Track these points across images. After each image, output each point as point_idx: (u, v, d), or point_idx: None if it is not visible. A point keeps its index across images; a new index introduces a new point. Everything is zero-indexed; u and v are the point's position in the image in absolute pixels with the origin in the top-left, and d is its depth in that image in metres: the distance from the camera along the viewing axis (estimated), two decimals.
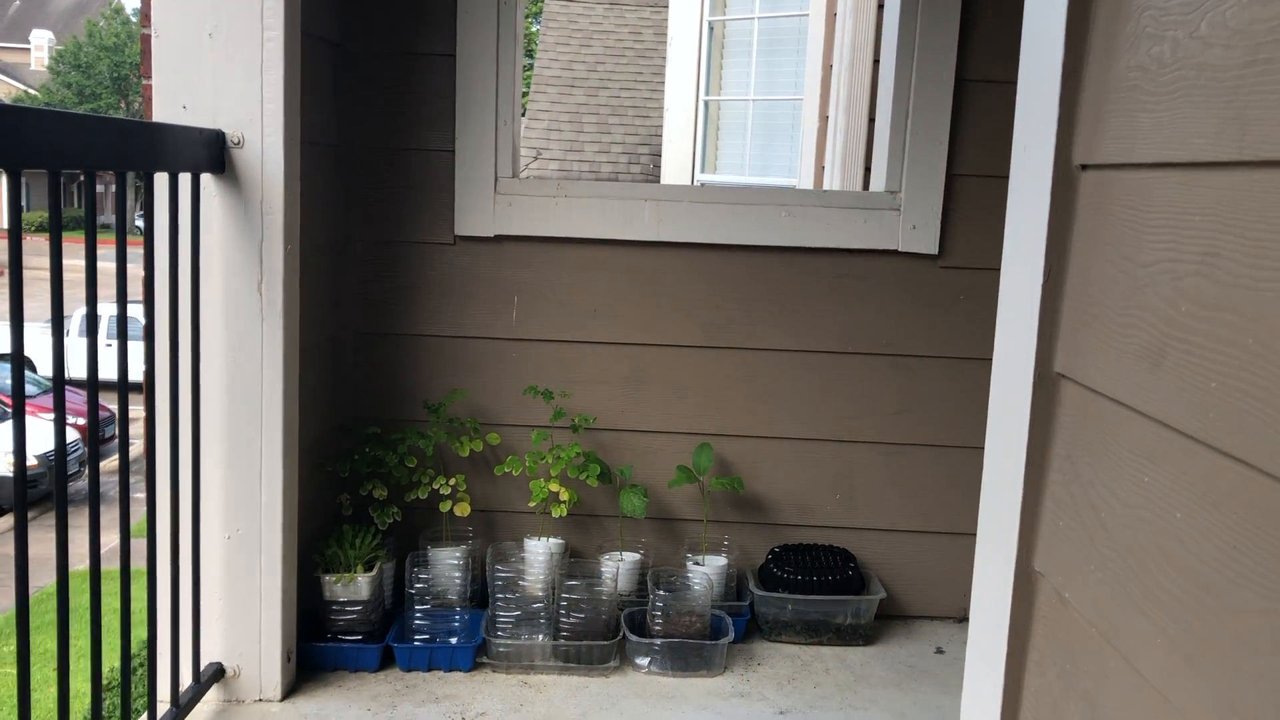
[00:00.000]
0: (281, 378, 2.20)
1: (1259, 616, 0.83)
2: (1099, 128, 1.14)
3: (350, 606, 2.45)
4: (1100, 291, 1.13)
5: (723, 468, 2.80)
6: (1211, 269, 0.92)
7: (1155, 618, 0.98)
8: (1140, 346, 1.03)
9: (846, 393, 2.78)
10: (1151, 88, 1.04)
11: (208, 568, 2.22)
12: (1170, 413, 0.97)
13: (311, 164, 2.38)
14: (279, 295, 2.18)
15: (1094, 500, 1.12)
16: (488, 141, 2.68)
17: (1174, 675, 0.94)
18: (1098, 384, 1.12)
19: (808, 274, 2.74)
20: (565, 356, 2.76)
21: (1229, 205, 0.90)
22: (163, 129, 2.01)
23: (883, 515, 2.81)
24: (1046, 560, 1.24)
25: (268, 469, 2.22)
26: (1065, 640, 1.18)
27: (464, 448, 2.67)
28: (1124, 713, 1.04)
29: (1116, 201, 1.11)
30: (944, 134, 2.68)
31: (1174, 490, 0.97)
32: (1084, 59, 1.19)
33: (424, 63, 2.67)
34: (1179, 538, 0.95)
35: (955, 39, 2.64)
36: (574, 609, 2.49)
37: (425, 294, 2.73)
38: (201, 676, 2.22)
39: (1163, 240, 1.01)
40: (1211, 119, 0.93)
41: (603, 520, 2.81)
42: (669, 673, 2.49)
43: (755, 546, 2.81)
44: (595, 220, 2.70)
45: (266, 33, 2.12)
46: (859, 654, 2.64)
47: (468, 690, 2.39)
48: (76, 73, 37.47)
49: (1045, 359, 1.23)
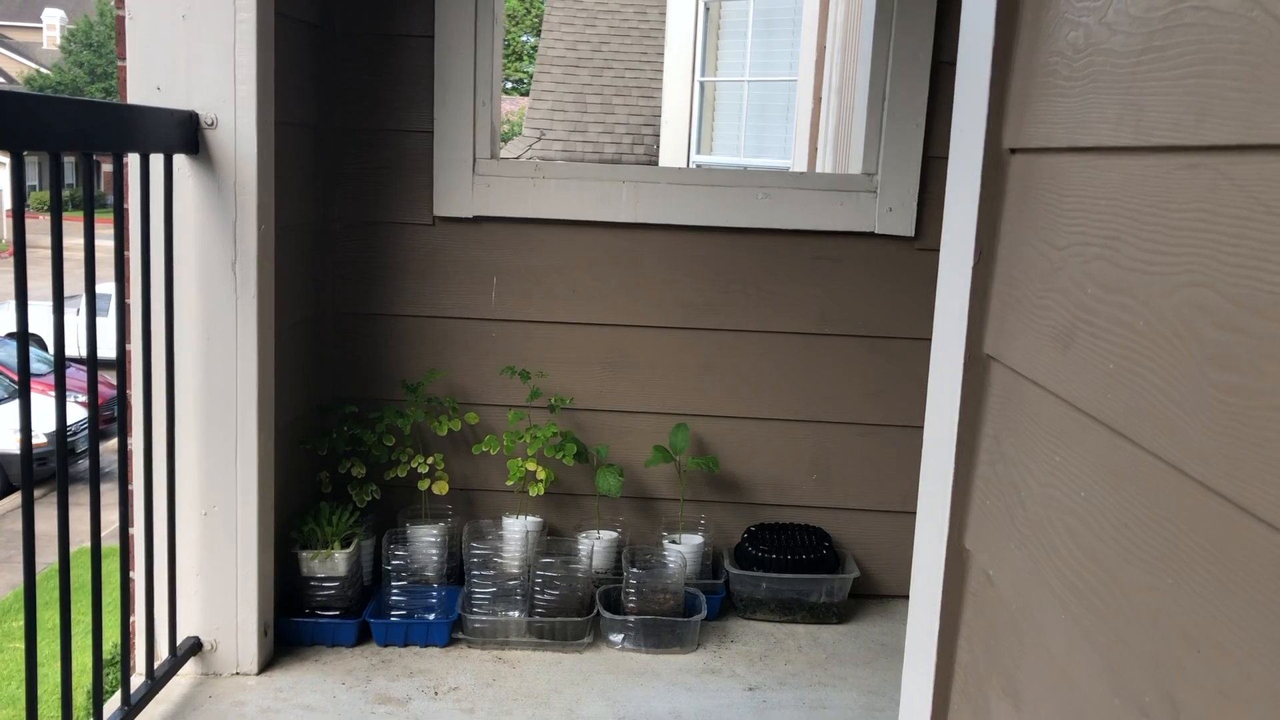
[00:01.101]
0: (256, 356, 2.23)
1: (1144, 592, 0.85)
2: (1025, 112, 1.16)
3: (328, 582, 2.49)
4: (1024, 274, 1.14)
5: (699, 448, 2.82)
6: (1114, 252, 0.94)
7: (1061, 595, 1.00)
8: (1054, 328, 1.05)
9: (823, 374, 2.79)
10: (1068, 73, 1.05)
11: (184, 544, 2.25)
12: (1077, 394, 0.99)
13: (289, 144, 2.40)
14: (253, 274, 2.20)
15: (1015, 480, 1.14)
16: (466, 122, 2.70)
17: (1074, 652, 0.97)
18: (1020, 365, 1.14)
19: (785, 256, 2.75)
20: (543, 337, 2.78)
21: (1128, 189, 0.92)
22: (135, 110, 2.04)
23: (858, 495, 2.84)
24: (975, 539, 1.26)
25: (243, 446, 2.25)
26: (990, 618, 1.20)
27: (442, 427, 2.70)
28: (1034, 690, 1.06)
29: (1039, 185, 1.12)
30: (920, 117, 2.69)
31: (1079, 470, 0.98)
32: (1014, 43, 1.20)
33: (402, 44, 2.69)
34: (1082, 516, 0.97)
35: (932, 22, 2.64)
36: (549, 586, 2.52)
37: (404, 274, 2.75)
38: (178, 650, 2.25)
39: (1075, 224, 1.02)
40: (1113, 104, 0.94)
41: (580, 499, 2.84)
42: (642, 649, 2.52)
43: (732, 525, 2.83)
44: (573, 201, 2.72)
45: (239, 14, 2.13)
46: (832, 632, 2.67)
47: (442, 665, 2.43)
48: (88, 51, 37.50)
49: (975, 340, 1.25)
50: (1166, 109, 0.85)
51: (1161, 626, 0.82)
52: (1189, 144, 0.82)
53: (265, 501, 2.31)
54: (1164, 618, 0.82)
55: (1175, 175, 0.84)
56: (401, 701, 2.27)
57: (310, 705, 2.24)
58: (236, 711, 2.20)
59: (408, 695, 2.29)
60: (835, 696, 2.37)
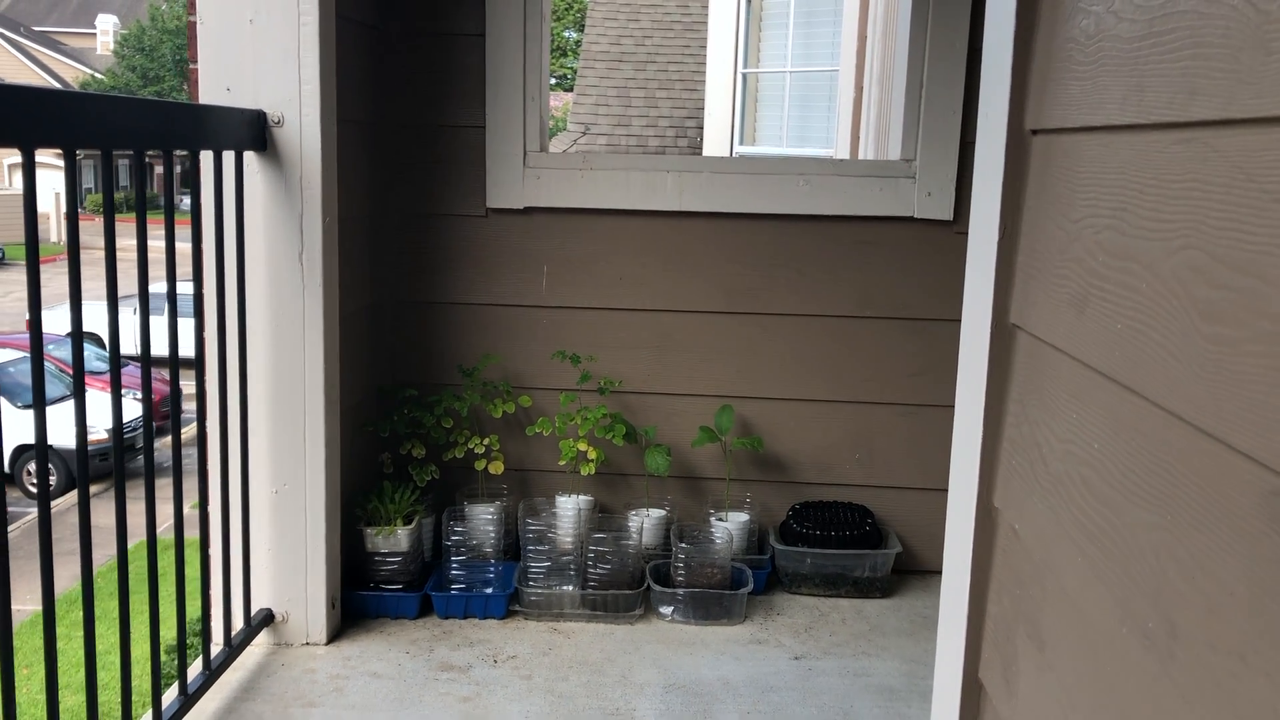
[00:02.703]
0: (322, 342, 2.35)
1: (1147, 530, 0.93)
2: (1044, 95, 1.24)
3: (391, 557, 2.61)
4: (1044, 247, 1.23)
5: (744, 428, 2.91)
6: (1120, 222, 1.02)
7: (1078, 540, 1.09)
8: (1070, 295, 1.13)
9: (864, 355, 2.87)
10: (1081, 57, 1.13)
11: (257, 520, 2.39)
12: (1091, 354, 1.07)
13: (349, 141, 2.52)
14: (319, 265, 2.33)
15: (1038, 439, 1.22)
16: (516, 117, 2.81)
17: (1088, 591, 1.05)
18: (1041, 332, 1.22)
19: (826, 241, 2.83)
20: (593, 323, 2.88)
21: (1133, 164, 1.00)
22: (210, 110, 2.17)
23: (900, 474, 2.91)
24: (1003, 497, 1.34)
25: (311, 428, 2.38)
26: (1016, 569, 1.29)
27: (497, 409, 2.82)
28: (1057, 633, 1.15)
29: (1057, 163, 1.20)
30: (958, 103, 2.75)
31: (1092, 424, 1.07)
32: (1034, 30, 1.28)
33: (455, 42, 2.80)
34: (1095, 466, 1.05)
35: (968, 12, 2.71)
36: (601, 560, 2.63)
37: (459, 264, 2.87)
38: (252, 620, 2.39)
39: (1088, 198, 1.10)
40: (1120, 85, 1.02)
41: (629, 478, 2.94)
42: (691, 621, 2.62)
43: (776, 503, 2.92)
44: (620, 191, 2.82)
45: (303, 18, 2.26)
46: (875, 605, 2.75)
47: (500, 636, 2.54)
48: (140, 56, 38.21)
49: (1001, 311, 1.33)
50: (1163, 89, 0.93)
51: (1161, 558, 0.90)
52: (1182, 120, 0.90)
53: (332, 480, 2.44)
54: (1163, 550, 0.90)
55: (1171, 149, 0.92)
56: (463, 669, 2.38)
57: (377, 672, 2.36)
58: (308, 678, 2.33)
59: (469, 663, 2.41)
60: (878, 665, 2.45)
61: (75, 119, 1.65)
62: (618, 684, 2.34)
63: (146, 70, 38.11)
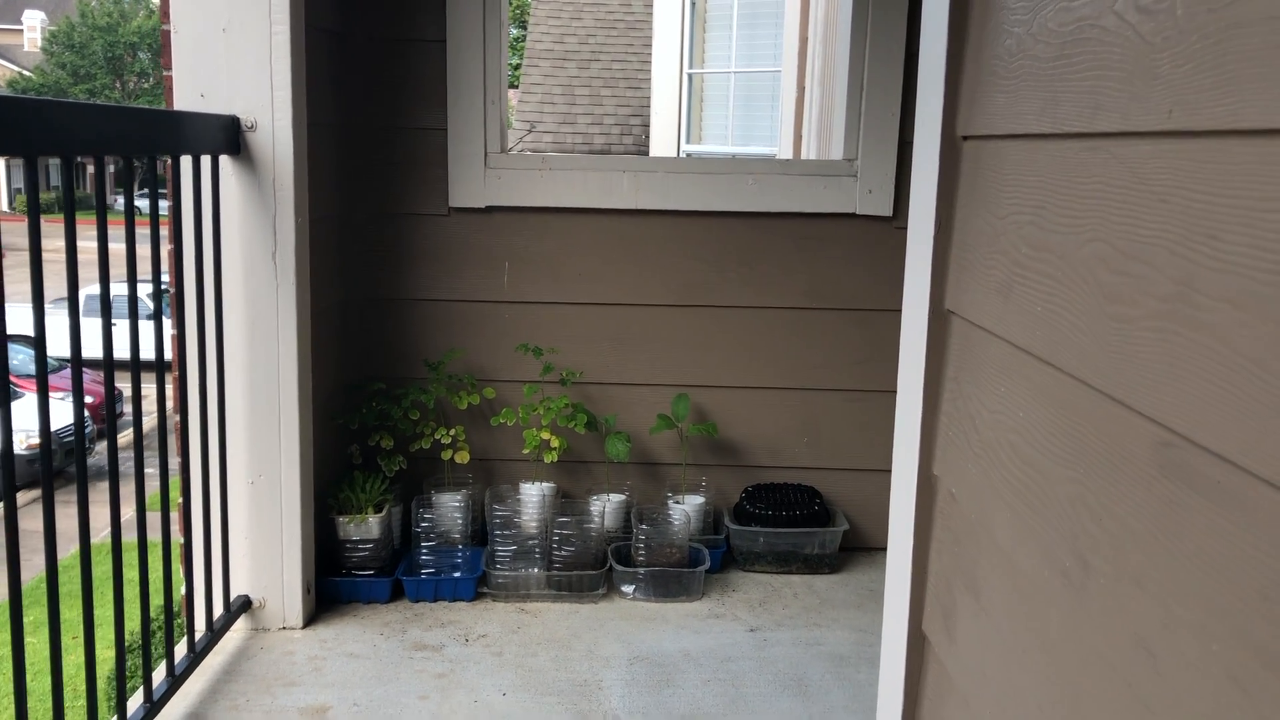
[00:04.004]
0: (295, 337, 2.45)
1: (1064, 484, 1.09)
2: (974, 105, 1.39)
3: (362, 544, 2.72)
4: (974, 240, 1.38)
5: (700, 415, 3.06)
6: (1040, 218, 1.17)
7: (1007, 498, 1.24)
8: (997, 283, 1.28)
9: (812, 345, 3.03)
10: (1005, 73, 1.28)
11: (234, 510, 2.48)
12: (1015, 334, 1.22)
13: (318, 144, 2.62)
14: (291, 263, 2.43)
15: (971, 411, 1.38)
16: (477, 119, 2.92)
17: (1018, 542, 1.20)
18: (973, 316, 1.38)
19: (774, 236, 2.99)
20: (553, 317, 3.01)
21: (1050, 168, 1.15)
22: (188, 116, 2.26)
23: (847, 456, 3.08)
24: (942, 465, 1.49)
25: (285, 420, 2.48)
26: (954, 528, 1.44)
27: (462, 401, 2.93)
28: (990, 582, 1.30)
29: (985, 166, 1.35)
30: (896, 106, 2.92)
31: (1018, 394, 1.22)
32: (964, 46, 1.43)
33: (417, 48, 2.91)
34: (1020, 432, 1.21)
35: (904, 18, 2.87)
36: (565, 543, 2.75)
37: (423, 261, 2.98)
38: (232, 606, 2.48)
39: (1012, 197, 1.25)
40: (1038, 99, 1.17)
41: (590, 465, 3.07)
42: (652, 598, 2.76)
43: (730, 486, 3.07)
44: (578, 190, 2.95)
45: (274, 27, 2.35)
46: (825, 581, 2.91)
47: (470, 616, 2.66)
48: (70, 53, 37.43)
49: (938, 299, 1.48)
50: (1074, 103, 1.08)
51: (1076, 507, 1.05)
52: (1089, 131, 1.05)
53: (306, 471, 2.54)
54: (1077, 500, 1.05)
55: (1081, 156, 1.07)
56: (436, 648, 2.50)
57: (353, 653, 2.47)
58: (288, 660, 2.43)
59: (441, 643, 2.52)
60: (828, 635, 2.61)
61: (75, 128, 1.74)
62: (585, 658, 2.47)
63: (77, 68, 37.36)
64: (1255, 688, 0.76)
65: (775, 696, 2.32)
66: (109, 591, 2.07)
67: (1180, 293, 0.88)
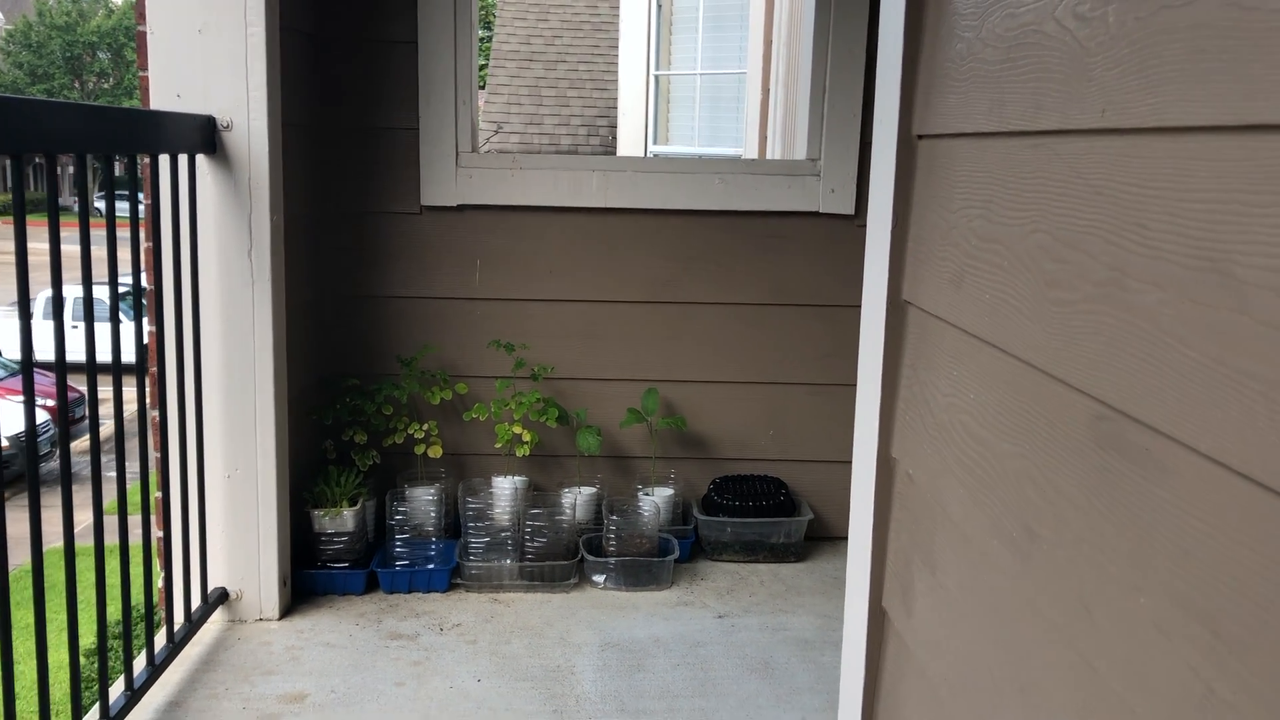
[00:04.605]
0: (271, 333, 2.50)
1: (1012, 459, 1.16)
2: (928, 106, 1.47)
3: (338, 537, 2.77)
4: (929, 234, 1.45)
5: (668, 409, 3.13)
6: (989, 212, 1.25)
7: (960, 475, 1.31)
8: (950, 274, 1.36)
9: (777, 340, 3.11)
10: (957, 75, 1.36)
11: (211, 504, 2.52)
12: (966, 321, 1.30)
13: (292, 143, 2.66)
14: (267, 261, 2.47)
15: (926, 396, 1.45)
16: (449, 119, 2.98)
17: (970, 515, 1.28)
18: (928, 305, 1.45)
19: (740, 235, 3.06)
20: (525, 313, 3.07)
21: (997, 164, 1.23)
22: (166, 116, 2.30)
23: (811, 448, 3.16)
24: (900, 447, 1.57)
25: (261, 415, 2.52)
26: (912, 509, 1.51)
27: (435, 397, 2.98)
28: (944, 556, 1.37)
29: (938, 164, 1.43)
30: (858, 107, 3.00)
31: (969, 378, 1.30)
32: (919, 51, 1.51)
33: (389, 49, 2.96)
34: (971, 413, 1.28)
35: (866, 22, 2.96)
36: (537, 534, 2.81)
37: (396, 259, 3.03)
38: (209, 598, 2.52)
39: (963, 192, 1.33)
40: (986, 100, 1.25)
41: (562, 459, 3.13)
42: (622, 587, 2.82)
43: (698, 478, 3.15)
44: (548, 189, 3.01)
45: (250, 29, 2.40)
46: (790, 569, 2.99)
47: (444, 607, 2.71)
48: (28, 52, 36.97)
49: (895, 290, 1.56)
50: (1018, 103, 1.16)
51: (1021, 480, 1.13)
52: (1032, 129, 1.12)
53: (281, 465, 2.58)
54: (1023, 473, 1.13)
55: (1025, 153, 1.15)
56: (411, 637, 2.55)
57: (330, 643, 2.52)
58: (265, 650, 2.47)
59: (416, 632, 2.58)
60: (794, 620, 2.69)
61: (60, 127, 1.78)
62: (557, 644, 2.53)
63: (35, 68, 36.90)
64: (1177, 634, 0.84)
65: (742, 679, 2.39)
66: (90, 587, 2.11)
67: (1113, 278, 0.95)
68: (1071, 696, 1.02)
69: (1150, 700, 0.88)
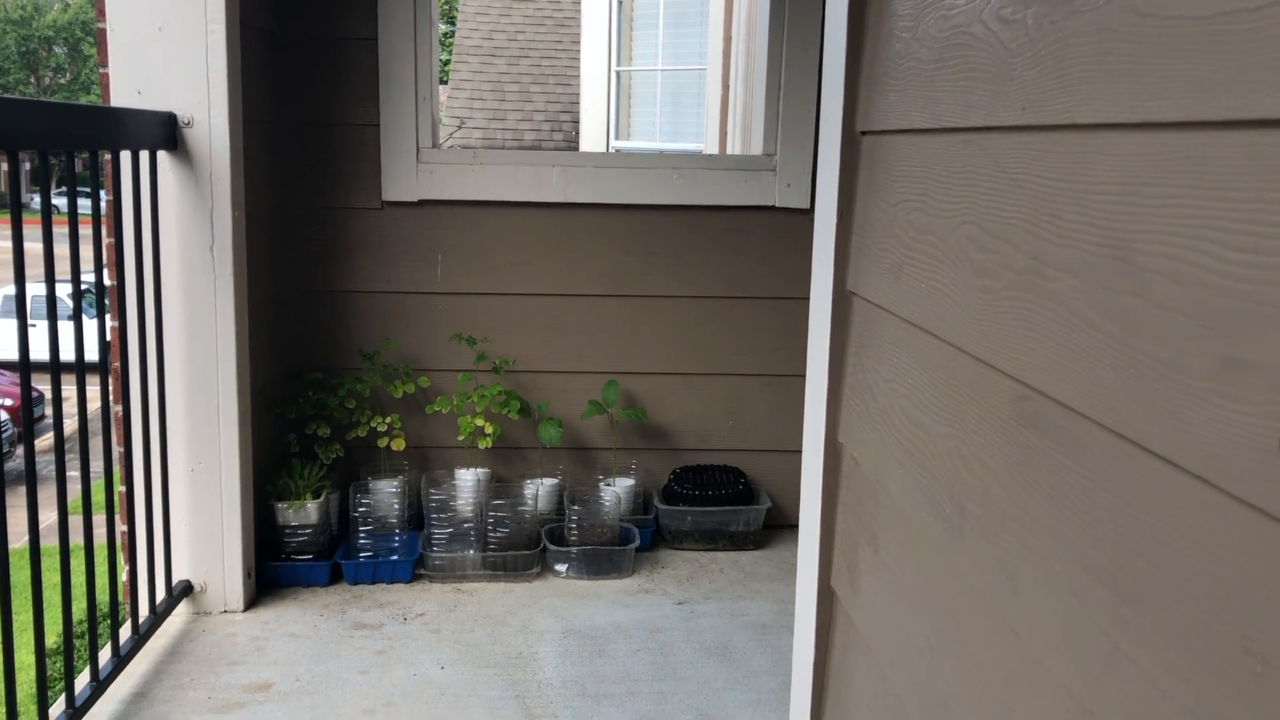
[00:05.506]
0: (234, 328, 2.52)
1: (945, 439, 1.22)
2: (870, 103, 1.52)
3: (301, 530, 2.79)
4: (871, 226, 1.51)
5: (629, 401, 3.18)
6: (924, 205, 1.31)
7: (899, 457, 1.37)
8: (890, 264, 1.42)
9: (734, 332, 3.17)
10: (895, 74, 1.42)
11: (175, 497, 2.54)
12: (905, 309, 1.36)
13: (253, 139, 2.69)
14: (229, 256, 2.50)
15: (869, 382, 1.51)
16: (409, 115, 3.01)
17: (907, 495, 1.34)
18: (870, 295, 1.51)
19: (697, 229, 3.12)
20: (486, 307, 3.11)
21: (932, 159, 1.29)
22: (127, 113, 2.32)
23: (768, 438, 3.22)
24: (845, 433, 1.63)
25: (224, 409, 2.55)
26: (857, 491, 1.57)
27: (397, 390, 3.02)
28: (886, 535, 1.43)
29: (880, 159, 1.49)
30: (812, 103, 3.06)
31: (908, 364, 1.36)
32: (861, 50, 1.56)
33: (349, 46, 2.98)
34: (909, 397, 1.34)
35: (819, 22, 3.02)
36: (500, 525, 2.86)
37: (358, 254, 3.06)
38: (174, 590, 2.55)
39: (902, 186, 1.39)
40: (921, 98, 1.31)
41: (524, 451, 3.17)
42: (584, 576, 2.87)
43: (659, 468, 3.20)
44: (509, 184, 3.05)
45: (210, 25, 2.42)
46: (749, 556, 3.05)
47: (408, 597, 2.75)
48: None
49: (841, 281, 1.62)
50: (950, 101, 1.22)
51: (954, 460, 1.19)
52: (962, 126, 1.18)
53: (245, 458, 2.61)
54: (955, 453, 1.19)
55: (956, 148, 1.21)
56: (375, 627, 2.59)
57: (294, 633, 2.55)
58: (230, 641, 2.50)
59: (380, 621, 2.61)
60: (752, 606, 2.75)
61: (22, 124, 1.80)
62: (520, 632, 2.58)
63: None
64: (1089, 599, 0.90)
65: (701, 663, 2.45)
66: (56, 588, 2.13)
67: (1032, 265, 1.01)
68: (998, 662, 1.08)
69: (1066, 661, 0.94)
